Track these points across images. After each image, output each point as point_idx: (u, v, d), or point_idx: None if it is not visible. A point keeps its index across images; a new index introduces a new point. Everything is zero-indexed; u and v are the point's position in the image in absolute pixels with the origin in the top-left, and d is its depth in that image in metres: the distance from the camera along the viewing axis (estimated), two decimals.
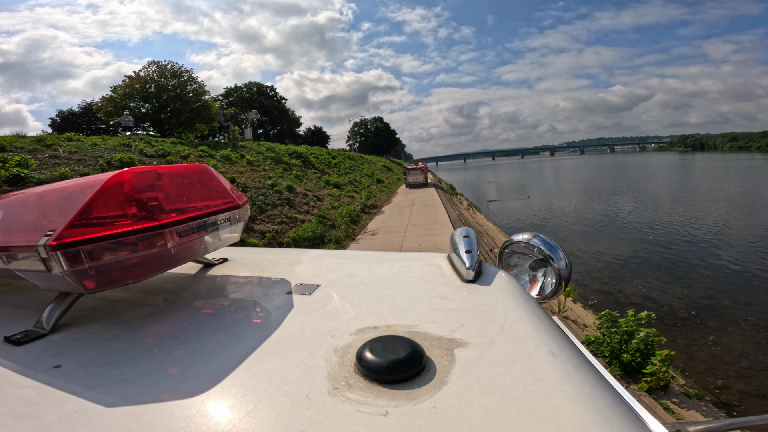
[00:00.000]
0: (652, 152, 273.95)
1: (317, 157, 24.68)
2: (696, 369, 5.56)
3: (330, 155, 28.29)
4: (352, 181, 23.31)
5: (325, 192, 16.32)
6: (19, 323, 0.67)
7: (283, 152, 20.20)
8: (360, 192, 20.74)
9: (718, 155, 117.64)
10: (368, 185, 25.42)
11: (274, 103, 53.32)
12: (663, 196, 26.92)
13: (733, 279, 9.28)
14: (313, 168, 20.56)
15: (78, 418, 0.42)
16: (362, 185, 23.97)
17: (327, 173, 21.51)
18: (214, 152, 14.08)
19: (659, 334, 4.65)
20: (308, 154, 22.95)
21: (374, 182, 28.37)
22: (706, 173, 46.20)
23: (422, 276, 0.78)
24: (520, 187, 43.75)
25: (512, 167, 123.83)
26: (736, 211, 18.29)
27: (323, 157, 26.19)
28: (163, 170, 0.72)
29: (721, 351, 6.03)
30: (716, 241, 12.84)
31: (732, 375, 5.40)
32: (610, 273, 10.20)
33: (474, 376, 0.44)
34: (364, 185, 24.39)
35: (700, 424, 0.61)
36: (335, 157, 28.35)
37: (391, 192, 25.83)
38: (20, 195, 0.76)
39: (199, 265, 0.96)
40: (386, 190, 26.49)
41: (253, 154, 17.20)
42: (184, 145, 14.25)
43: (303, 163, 20.14)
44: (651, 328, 4.68)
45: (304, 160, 21.01)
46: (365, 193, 20.41)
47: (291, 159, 19.50)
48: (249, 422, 0.39)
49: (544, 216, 21.04)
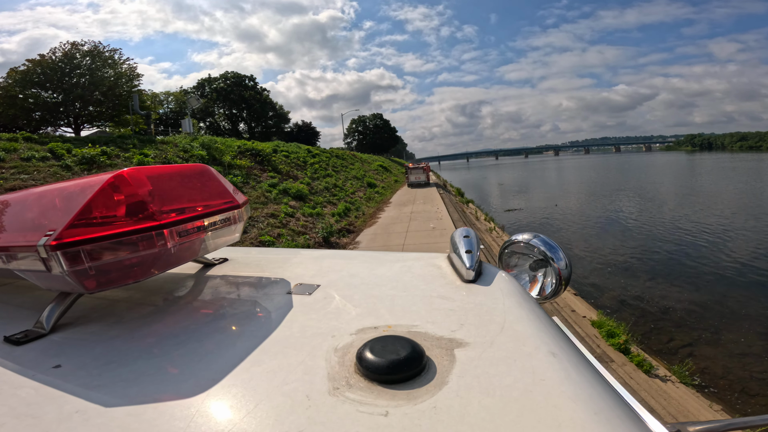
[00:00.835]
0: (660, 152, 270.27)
1: (288, 156, 19.09)
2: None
3: (310, 153, 22.68)
4: (329, 187, 17.76)
5: (271, 209, 10.67)
6: (19, 323, 0.67)
7: (231, 149, 14.65)
8: (337, 204, 15.07)
9: (728, 155, 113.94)
10: (353, 192, 19.82)
11: (255, 96, 47.15)
12: (708, 197, 23.90)
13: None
14: (274, 171, 15.05)
15: (78, 418, 0.42)
16: (344, 192, 18.36)
17: (293, 177, 15.89)
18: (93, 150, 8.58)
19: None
20: (270, 152, 17.32)
21: (363, 187, 22.74)
22: (729, 174, 42.24)
23: (422, 276, 0.78)
24: (537, 190, 37.19)
25: (517, 167, 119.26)
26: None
27: (299, 155, 20.66)
28: (163, 170, 0.72)
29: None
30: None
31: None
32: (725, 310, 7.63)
33: (474, 376, 0.44)
34: (347, 192, 18.80)
35: (700, 424, 0.61)
36: (316, 156, 22.73)
37: (383, 201, 20.25)
38: (20, 195, 0.76)
39: (199, 265, 0.96)
40: (377, 198, 20.88)
41: (176, 152, 11.65)
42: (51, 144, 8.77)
43: (257, 165, 14.65)
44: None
45: (263, 160, 15.50)
46: (342, 206, 14.80)
47: (239, 159, 13.95)
48: (249, 422, 0.39)
49: (599, 239, 14.47)
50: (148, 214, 0.62)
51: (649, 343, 5.97)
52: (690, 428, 0.60)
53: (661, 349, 5.91)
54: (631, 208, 21.19)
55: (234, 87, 46.50)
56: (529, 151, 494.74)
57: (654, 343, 6.03)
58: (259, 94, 47.93)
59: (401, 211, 15.75)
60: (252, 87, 48.28)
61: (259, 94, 47.80)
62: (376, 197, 20.99)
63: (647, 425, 0.49)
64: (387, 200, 20.51)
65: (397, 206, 17.64)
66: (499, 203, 28.08)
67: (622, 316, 6.71)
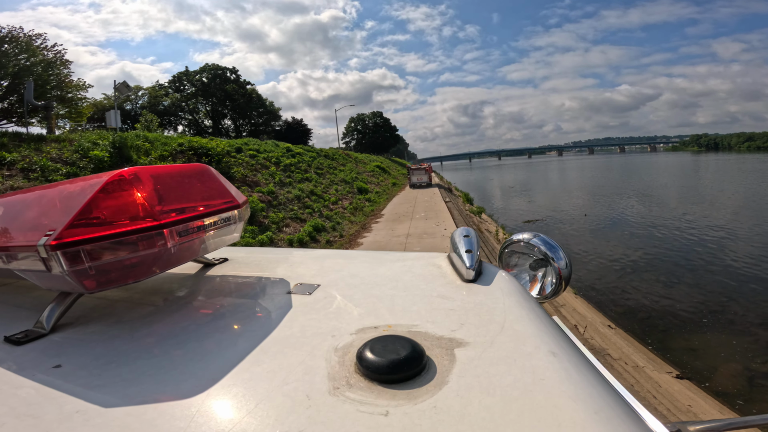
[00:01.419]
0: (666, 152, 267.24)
1: (255, 157, 15.15)
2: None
3: (289, 153, 18.72)
4: (303, 195, 13.79)
5: None
6: (19, 323, 0.67)
7: (167, 147, 10.82)
8: (306, 220, 11.16)
9: (735, 156, 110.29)
10: (335, 201, 15.75)
11: (238, 90, 42.74)
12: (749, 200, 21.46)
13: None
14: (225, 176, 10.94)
15: (78, 418, 0.42)
16: (322, 202, 14.39)
17: (251, 184, 11.96)
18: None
19: None
20: (225, 151, 13.41)
21: (352, 193, 18.72)
22: (747, 176, 39.27)
23: (422, 276, 0.78)
24: (552, 195, 32.28)
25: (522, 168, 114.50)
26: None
27: (272, 155, 16.54)
28: (163, 170, 0.71)
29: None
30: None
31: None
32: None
33: (474, 375, 0.44)
34: (327, 201, 14.81)
35: (700, 423, 0.61)
36: (296, 156, 18.78)
37: (373, 212, 16.12)
38: (20, 195, 0.75)
39: (199, 265, 0.95)
40: (368, 208, 16.83)
41: (70, 153, 8.99)
42: None
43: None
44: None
45: (212, 161, 11.54)
46: (312, 224, 10.90)
47: (171, 161, 10.10)
48: (249, 422, 0.39)
49: (666, 265, 10.74)
50: (148, 214, 0.62)
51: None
52: (690, 427, 0.60)
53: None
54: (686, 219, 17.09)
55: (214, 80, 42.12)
56: (532, 152, 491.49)
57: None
58: (242, 87, 43.46)
59: (393, 231, 11.31)
60: (235, 80, 43.77)
61: (242, 88, 43.33)
62: (366, 207, 16.94)
63: (647, 424, 0.49)
64: (379, 211, 16.39)
65: (389, 222, 13.02)
66: (514, 211, 23.76)
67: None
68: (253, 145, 17.19)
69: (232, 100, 42.64)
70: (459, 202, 21.51)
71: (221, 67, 44.84)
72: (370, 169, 30.77)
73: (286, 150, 19.07)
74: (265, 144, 18.75)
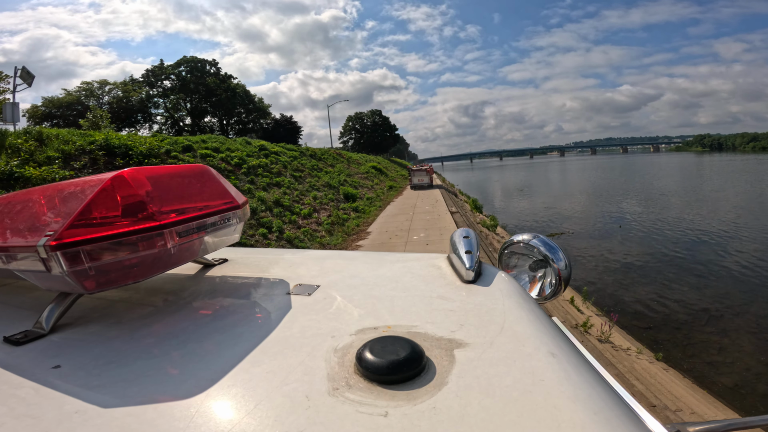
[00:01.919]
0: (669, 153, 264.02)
1: (208, 157, 11.73)
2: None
3: (262, 152, 15.33)
4: (265, 208, 10.33)
5: None
6: (18, 323, 0.67)
7: (70, 146, 7.62)
8: None
9: (739, 156, 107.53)
10: (307, 213, 12.27)
11: (219, 84, 38.93)
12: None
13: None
14: None
15: (77, 419, 0.42)
16: (287, 217, 10.97)
17: None
18: None
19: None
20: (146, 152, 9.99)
21: (334, 201, 15.28)
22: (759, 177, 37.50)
23: (422, 276, 0.78)
24: (570, 200, 27.49)
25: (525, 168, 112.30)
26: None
27: (235, 156, 13.13)
28: (163, 170, 0.72)
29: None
30: None
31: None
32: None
33: (474, 376, 0.44)
34: (292, 216, 11.31)
35: (700, 424, 0.61)
36: (269, 156, 15.36)
37: (356, 230, 12.55)
38: (20, 195, 0.75)
39: (199, 265, 0.95)
40: (353, 222, 13.37)
41: None
42: None
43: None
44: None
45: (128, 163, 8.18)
46: None
47: (66, 169, 6.92)
48: (249, 422, 0.40)
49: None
50: (148, 215, 0.62)
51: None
52: (690, 428, 0.60)
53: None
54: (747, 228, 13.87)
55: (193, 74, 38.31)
56: (534, 152, 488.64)
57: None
58: (224, 81, 39.65)
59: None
60: (215, 73, 39.79)
61: (224, 82, 39.55)
62: (349, 221, 13.52)
63: (647, 425, 0.48)
64: (365, 228, 12.82)
65: (376, 248, 9.41)
66: (530, 220, 20.17)
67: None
68: (213, 143, 13.81)
69: (213, 96, 39.05)
70: (466, 209, 18.06)
71: (200, 60, 40.71)
72: (364, 170, 27.35)
73: (259, 149, 15.68)
74: (232, 142, 15.38)
